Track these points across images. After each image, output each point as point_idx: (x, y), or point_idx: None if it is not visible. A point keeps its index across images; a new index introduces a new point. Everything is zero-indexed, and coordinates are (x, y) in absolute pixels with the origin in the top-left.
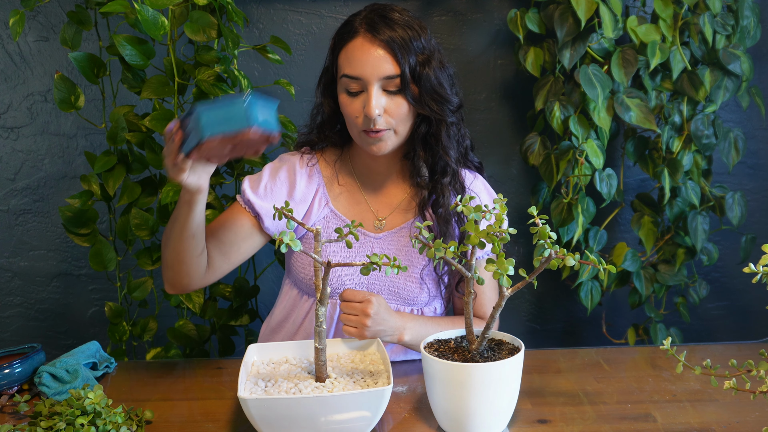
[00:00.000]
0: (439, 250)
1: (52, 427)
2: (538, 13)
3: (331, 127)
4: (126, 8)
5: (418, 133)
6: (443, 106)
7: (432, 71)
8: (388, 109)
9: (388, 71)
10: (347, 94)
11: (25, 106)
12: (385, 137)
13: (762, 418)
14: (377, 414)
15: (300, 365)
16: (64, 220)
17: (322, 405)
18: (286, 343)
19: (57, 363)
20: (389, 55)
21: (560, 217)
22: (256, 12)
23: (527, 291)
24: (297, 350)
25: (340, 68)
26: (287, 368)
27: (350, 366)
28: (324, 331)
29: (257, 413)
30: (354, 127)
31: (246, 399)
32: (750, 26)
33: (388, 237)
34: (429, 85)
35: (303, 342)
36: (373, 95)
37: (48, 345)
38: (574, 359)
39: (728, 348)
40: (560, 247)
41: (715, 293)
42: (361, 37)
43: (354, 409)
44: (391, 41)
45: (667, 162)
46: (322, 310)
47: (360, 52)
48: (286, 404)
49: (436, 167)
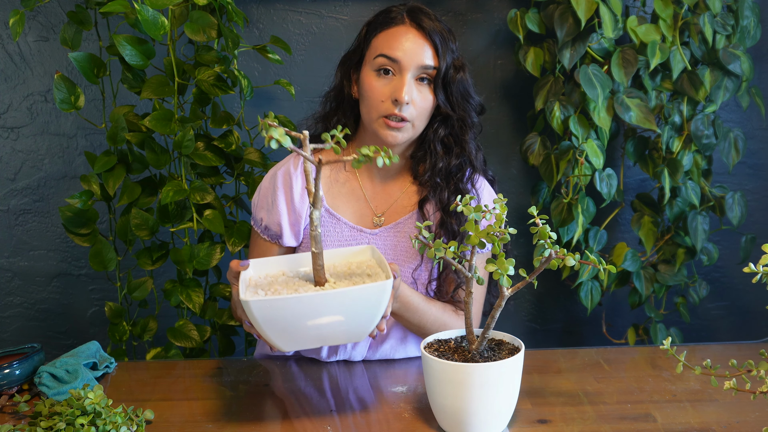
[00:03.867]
0: (439, 250)
1: (52, 427)
2: (538, 13)
3: (342, 115)
4: (126, 8)
5: (438, 134)
6: (470, 108)
7: (465, 76)
8: (414, 100)
9: (427, 60)
10: (377, 76)
11: (25, 106)
12: (404, 128)
13: (762, 418)
14: (379, 309)
15: (297, 276)
16: (64, 220)
17: (323, 302)
18: (280, 257)
19: (57, 363)
20: (431, 47)
21: (560, 217)
22: (256, 12)
23: (527, 291)
24: (293, 263)
25: (376, 49)
26: (285, 279)
27: (347, 271)
28: (319, 236)
29: (260, 315)
30: (375, 112)
31: (249, 301)
32: (750, 26)
33: (384, 233)
34: (462, 87)
35: (298, 255)
36: (406, 80)
37: (48, 345)
38: (574, 359)
39: (728, 348)
40: (560, 247)
41: (715, 293)
42: (405, 24)
43: (356, 305)
44: (434, 34)
45: (667, 162)
46: (316, 214)
47: (403, 36)
48: (290, 303)
49: (455, 168)
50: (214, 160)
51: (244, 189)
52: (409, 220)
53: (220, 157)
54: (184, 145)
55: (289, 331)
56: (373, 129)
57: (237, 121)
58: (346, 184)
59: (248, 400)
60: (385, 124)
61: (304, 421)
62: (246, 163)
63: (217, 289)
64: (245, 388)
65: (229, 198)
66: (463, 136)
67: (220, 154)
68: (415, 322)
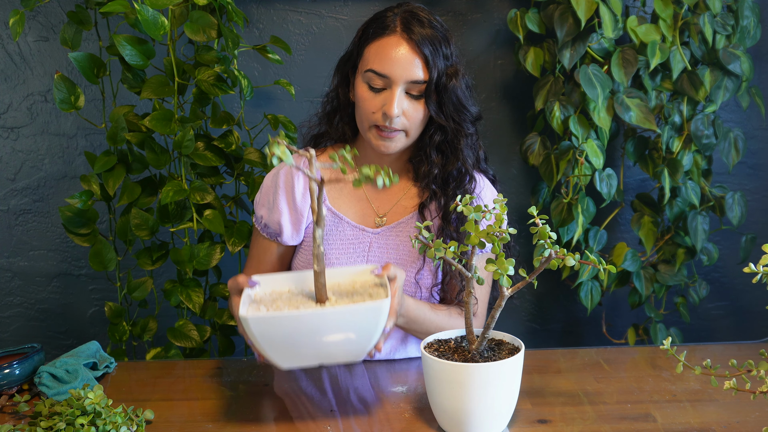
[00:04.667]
0: (439, 250)
1: (52, 427)
2: (538, 13)
3: (341, 118)
4: (126, 8)
5: (433, 140)
6: (464, 118)
7: (458, 83)
8: (406, 111)
9: (416, 76)
10: (369, 89)
11: (25, 106)
12: (397, 138)
13: (762, 418)
14: (377, 329)
15: (302, 293)
16: (64, 220)
17: (321, 320)
18: (287, 273)
19: (57, 363)
20: (421, 61)
21: (560, 217)
22: (256, 12)
23: (527, 291)
24: (300, 281)
25: (367, 62)
26: (288, 296)
27: (351, 290)
28: (322, 254)
29: (258, 331)
30: (367, 121)
31: (247, 318)
32: (750, 26)
33: (386, 232)
34: (455, 97)
35: (303, 272)
36: (396, 95)
37: (48, 345)
38: (574, 359)
39: (728, 348)
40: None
41: (715, 293)
42: (396, 35)
43: (353, 324)
44: (424, 46)
45: (667, 162)
46: (319, 233)
47: (393, 51)
48: (286, 321)
49: (451, 175)
50: (214, 160)
51: (244, 189)
52: (411, 219)
53: (220, 157)
54: (184, 145)
55: (286, 349)
56: (366, 138)
57: (237, 121)
58: (348, 185)
59: (248, 400)
60: (378, 134)
61: (305, 421)
62: (246, 163)
63: (217, 289)
64: (245, 388)
65: (229, 198)
66: (458, 144)
67: (220, 154)
68: (423, 331)
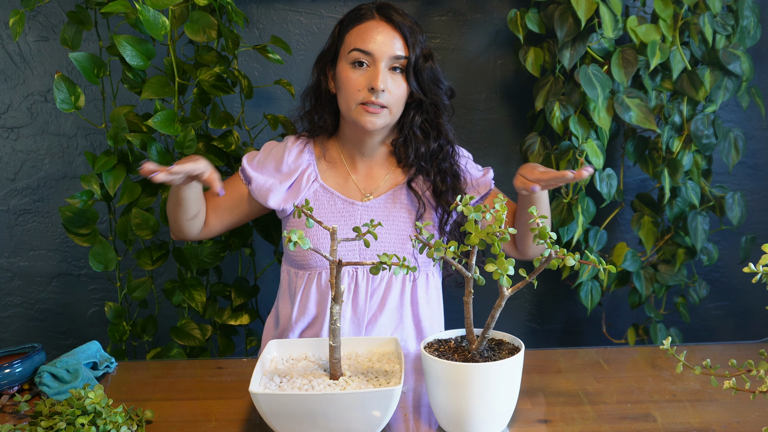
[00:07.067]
0: (439, 250)
1: (52, 427)
2: (538, 13)
3: (322, 108)
4: (127, 8)
5: (415, 121)
6: (440, 92)
7: (433, 64)
8: (389, 88)
9: (398, 51)
10: (353, 69)
11: (25, 106)
12: (382, 114)
13: (762, 418)
14: (387, 413)
15: (318, 362)
16: (64, 220)
17: (330, 403)
18: (306, 339)
19: (57, 363)
20: (401, 39)
21: (560, 217)
22: (256, 12)
23: (527, 291)
24: (317, 347)
25: (350, 44)
26: (305, 365)
27: (366, 365)
28: (338, 329)
29: (267, 408)
30: (352, 100)
31: (257, 394)
32: (750, 26)
33: (376, 204)
34: (431, 73)
35: (323, 339)
36: (381, 69)
37: (48, 345)
38: (574, 359)
39: (728, 348)
40: (560, 247)
41: (715, 293)
42: (375, 19)
43: (362, 407)
44: (403, 26)
45: (667, 162)
46: (336, 308)
47: (374, 30)
48: (295, 400)
49: (435, 150)
50: (214, 160)
51: None
52: (400, 190)
53: (220, 157)
54: (186, 145)
55: (293, 425)
56: (351, 118)
57: (237, 121)
58: (336, 165)
59: (248, 400)
60: (364, 110)
61: None
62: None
63: (218, 288)
64: (245, 388)
65: None
66: (438, 119)
67: (220, 154)
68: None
